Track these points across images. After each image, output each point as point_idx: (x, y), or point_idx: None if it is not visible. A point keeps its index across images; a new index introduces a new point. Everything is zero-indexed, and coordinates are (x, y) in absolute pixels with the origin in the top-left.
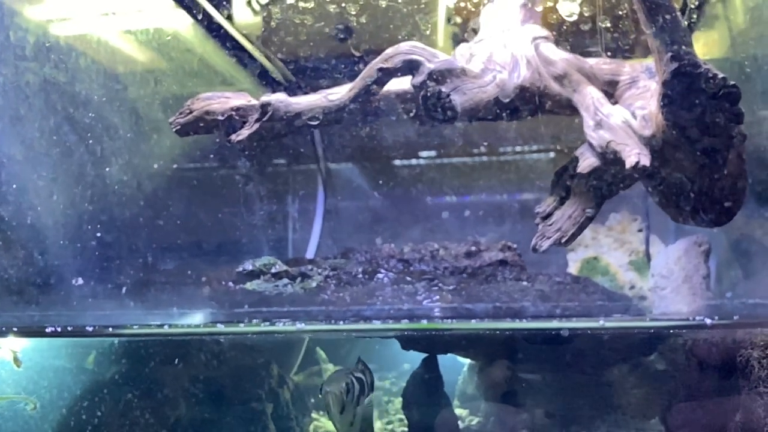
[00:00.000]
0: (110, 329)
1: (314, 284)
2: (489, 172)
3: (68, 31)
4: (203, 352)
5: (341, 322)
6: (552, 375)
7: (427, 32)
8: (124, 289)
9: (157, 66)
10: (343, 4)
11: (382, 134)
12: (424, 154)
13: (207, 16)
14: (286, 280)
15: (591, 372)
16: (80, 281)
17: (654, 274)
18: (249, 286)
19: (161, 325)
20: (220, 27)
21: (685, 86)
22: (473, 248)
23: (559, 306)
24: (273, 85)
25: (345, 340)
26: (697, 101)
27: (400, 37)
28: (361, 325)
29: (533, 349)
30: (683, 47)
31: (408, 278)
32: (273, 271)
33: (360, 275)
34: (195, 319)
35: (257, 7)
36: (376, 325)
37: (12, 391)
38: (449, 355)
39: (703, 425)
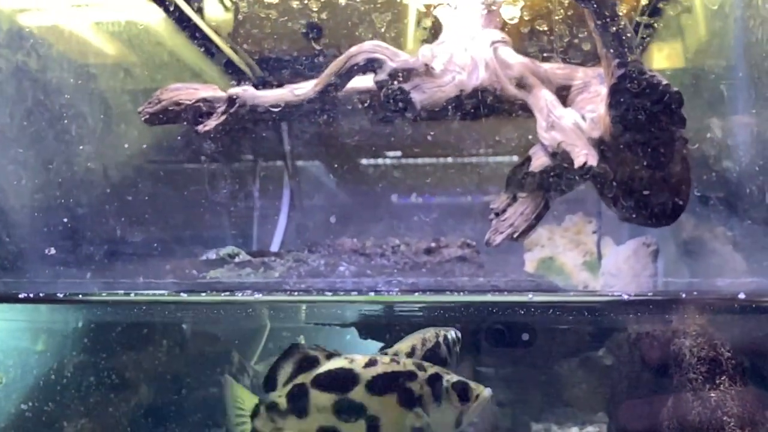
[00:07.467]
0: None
1: (276, 274)
2: (452, 173)
3: (41, 20)
4: (166, 338)
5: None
6: (505, 368)
7: (395, 35)
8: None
9: (128, 58)
10: (306, 1)
11: (347, 133)
12: (390, 154)
13: (177, 9)
14: (249, 270)
15: (542, 366)
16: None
17: (604, 272)
18: (212, 274)
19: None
20: (189, 20)
21: (631, 90)
22: (433, 245)
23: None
24: (240, 78)
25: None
26: (641, 104)
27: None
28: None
29: (488, 342)
30: (630, 55)
31: (368, 272)
32: (237, 260)
33: (322, 268)
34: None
35: (228, 4)
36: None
37: None
38: None
39: (640, 414)
